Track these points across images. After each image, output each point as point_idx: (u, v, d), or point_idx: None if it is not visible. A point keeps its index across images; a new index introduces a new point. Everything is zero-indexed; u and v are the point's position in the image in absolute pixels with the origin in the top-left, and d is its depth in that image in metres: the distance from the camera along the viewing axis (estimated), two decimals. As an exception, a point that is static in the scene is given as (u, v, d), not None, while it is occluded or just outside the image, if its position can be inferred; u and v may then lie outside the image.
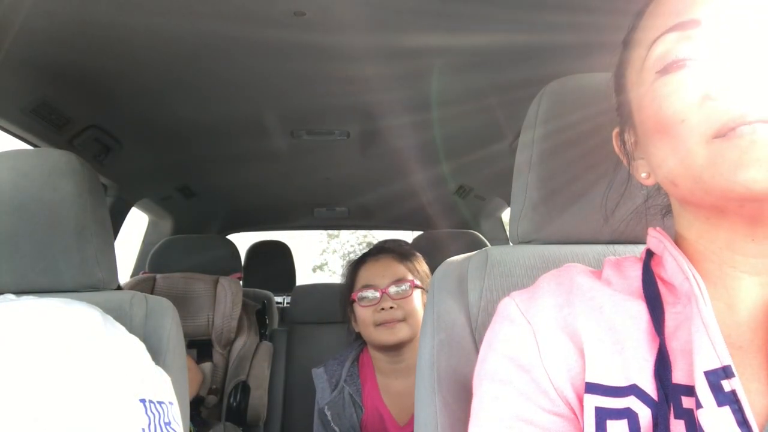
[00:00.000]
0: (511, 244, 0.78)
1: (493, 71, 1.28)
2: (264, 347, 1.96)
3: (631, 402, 0.44)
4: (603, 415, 0.44)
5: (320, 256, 14.59)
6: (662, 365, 0.44)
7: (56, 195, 0.84)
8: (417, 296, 1.34)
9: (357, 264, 1.42)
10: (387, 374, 1.37)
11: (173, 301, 0.90)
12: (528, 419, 0.47)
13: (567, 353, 0.48)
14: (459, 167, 2.07)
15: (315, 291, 2.30)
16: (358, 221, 3.13)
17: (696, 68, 0.42)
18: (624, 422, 0.43)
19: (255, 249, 3.07)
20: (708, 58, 0.42)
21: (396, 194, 2.46)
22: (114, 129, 1.57)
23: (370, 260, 1.40)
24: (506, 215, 2.59)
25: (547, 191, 0.73)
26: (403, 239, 1.62)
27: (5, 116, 1.26)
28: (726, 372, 0.40)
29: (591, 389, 0.46)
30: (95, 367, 0.61)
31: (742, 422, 0.38)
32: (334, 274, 13.49)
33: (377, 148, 1.88)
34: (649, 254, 0.52)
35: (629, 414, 0.44)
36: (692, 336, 0.42)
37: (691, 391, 0.42)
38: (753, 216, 0.42)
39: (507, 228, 2.57)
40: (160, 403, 0.65)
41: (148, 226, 2.59)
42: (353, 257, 1.49)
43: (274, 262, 3.04)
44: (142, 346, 0.69)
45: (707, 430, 0.39)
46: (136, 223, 2.44)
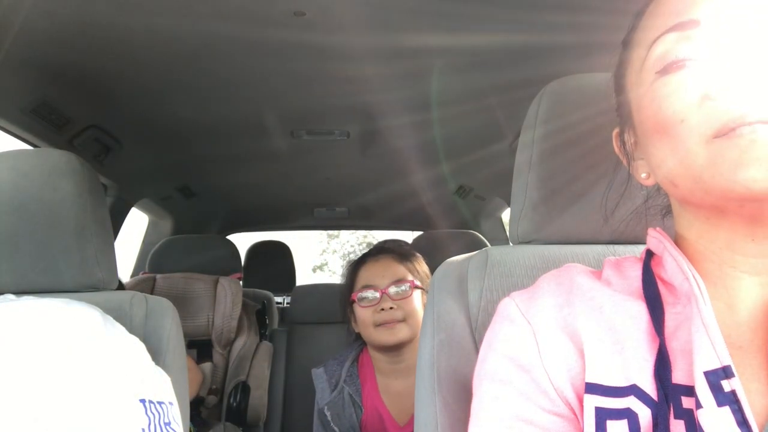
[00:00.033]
0: (511, 244, 0.78)
1: (493, 71, 1.28)
2: (264, 347, 1.96)
3: (631, 402, 0.44)
4: (603, 415, 0.44)
5: (320, 257, 14.60)
6: (662, 365, 0.44)
7: (56, 195, 0.84)
8: (417, 296, 1.34)
9: (357, 264, 1.42)
10: (387, 374, 1.36)
11: (173, 301, 0.90)
12: (528, 419, 0.47)
13: (567, 353, 0.48)
14: (459, 167, 2.07)
15: (315, 291, 2.30)
16: (358, 221, 3.13)
17: (695, 68, 0.42)
18: (624, 422, 0.43)
19: (255, 249, 3.07)
20: (708, 59, 0.42)
21: (396, 194, 2.46)
22: (114, 129, 1.57)
23: (370, 260, 1.40)
24: (506, 215, 2.59)
25: (547, 191, 0.73)
26: (403, 239, 1.62)
27: (5, 116, 1.26)
28: (726, 372, 0.40)
29: (591, 389, 0.46)
30: (95, 368, 0.61)
31: (742, 422, 0.38)
32: (334, 275, 13.50)
33: (377, 148, 1.88)
34: (649, 254, 0.52)
35: (629, 414, 0.44)
36: (692, 336, 0.42)
37: (691, 392, 0.42)
38: (753, 216, 0.42)
39: (507, 228, 2.57)
40: (160, 404, 0.65)
41: (148, 226, 2.59)
42: (353, 257, 1.49)
43: (274, 263, 3.05)
44: (142, 347, 0.69)
45: (707, 430, 0.39)
46: (136, 223, 2.44)
